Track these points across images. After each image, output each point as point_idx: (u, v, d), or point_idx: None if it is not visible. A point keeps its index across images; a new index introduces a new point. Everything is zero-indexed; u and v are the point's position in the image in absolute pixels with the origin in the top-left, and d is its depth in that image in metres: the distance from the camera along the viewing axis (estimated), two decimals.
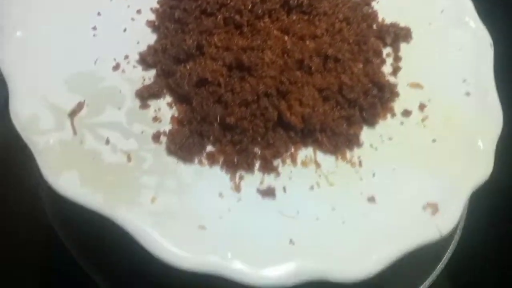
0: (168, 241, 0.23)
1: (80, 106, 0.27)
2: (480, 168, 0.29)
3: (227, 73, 0.29)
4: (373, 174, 0.29)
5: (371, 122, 0.31)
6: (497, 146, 0.31)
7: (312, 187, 0.28)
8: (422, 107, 0.32)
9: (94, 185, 0.24)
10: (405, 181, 0.29)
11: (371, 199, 0.28)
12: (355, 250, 0.25)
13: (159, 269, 0.31)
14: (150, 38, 0.32)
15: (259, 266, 0.23)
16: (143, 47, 0.31)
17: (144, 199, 0.25)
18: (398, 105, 0.32)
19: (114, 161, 0.25)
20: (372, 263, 0.24)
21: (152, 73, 0.30)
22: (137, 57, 0.30)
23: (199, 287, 0.27)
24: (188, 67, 0.30)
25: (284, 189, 0.27)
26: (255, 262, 0.24)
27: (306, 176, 0.28)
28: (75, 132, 0.25)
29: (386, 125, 0.31)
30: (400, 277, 0.35)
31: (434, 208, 0.27)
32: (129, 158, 0.26)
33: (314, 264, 0.24)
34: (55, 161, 0.24)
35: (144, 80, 0.30)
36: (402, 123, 0.32)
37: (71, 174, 0.24)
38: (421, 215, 0.27)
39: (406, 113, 0.32)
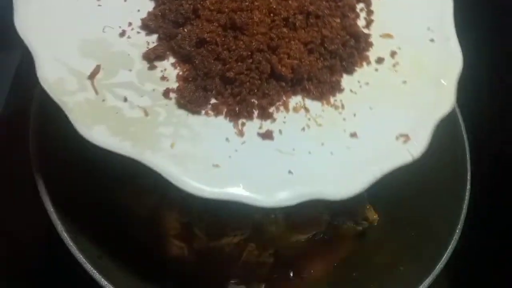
0: (191, 178, 0.28)
1: (97, 69, 0.30)
2: (444, 102, 0.34)
3: (222, 33, 0.33)
4: (354, 114, 0.34)
5: (350, 70, 0.35)
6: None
7: (303, 129, 0.32)
8: (393, 54, 0.37)
9: (121, 135, 0.28)
10: (381, 117, 0.33)
11: (353, 135, 0.33)
12: (343, 174, 0.30)
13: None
14: (148, 6, 0.35)
15: (267, 192, 0.28)
16: (143, 15, 0.34)
17: (165, 145, 0.29)
18: (372, 54, 0.37)
19: (134, 116, 0.29)
20: (357, 183, 0.30)
21: (154, 37, 0.33)
22: (139, 23, 0.33)
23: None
24: (186, 30, 0.33)
25: (280, 131, 0.32)
26: (263, 189, 0.28)
27: (297, 120, 0.33)
28: (97, 92, 0.29)
29: (363, 72, 0.36)
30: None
31: (406, 137, 0.32)
32: (146, 113, 0.30)
33: (310, 188, 0.29)
34: (85, 117, 0.28)
35: (148, 44, 0.33)
36: (376, 69, 0.36)
37: (100, 127, 0.28)
38: (396, 143, 0.32)
39: (379, 60, 0.36)
